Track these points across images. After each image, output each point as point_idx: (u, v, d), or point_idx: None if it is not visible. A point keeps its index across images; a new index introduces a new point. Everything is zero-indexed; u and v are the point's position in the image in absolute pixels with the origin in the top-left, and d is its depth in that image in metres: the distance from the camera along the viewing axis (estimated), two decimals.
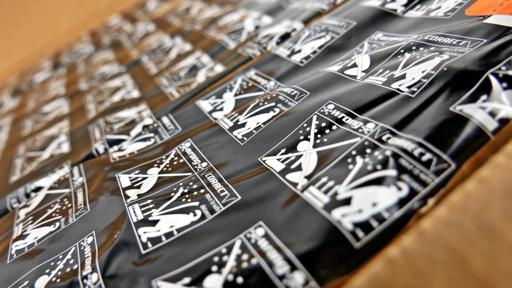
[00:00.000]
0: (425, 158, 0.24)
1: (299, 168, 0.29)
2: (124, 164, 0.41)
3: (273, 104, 0.37)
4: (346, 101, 0.32)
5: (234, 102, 0.43)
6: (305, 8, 0.57)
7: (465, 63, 0.28)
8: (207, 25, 0.73)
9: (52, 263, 0.32)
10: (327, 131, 0.31)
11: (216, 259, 0.25)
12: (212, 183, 0.32)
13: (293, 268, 0.22)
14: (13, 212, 0.43)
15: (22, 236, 0.37)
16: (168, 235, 0.29)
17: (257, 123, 0.36)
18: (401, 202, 0.22)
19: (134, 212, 0.32)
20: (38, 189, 0.46)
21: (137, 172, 0.38)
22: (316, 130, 0.31)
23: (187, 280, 0.24)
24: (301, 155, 0.30)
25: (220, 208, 0.29)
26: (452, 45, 0.32)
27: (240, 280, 0.23)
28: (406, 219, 0.22)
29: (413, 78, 0.30)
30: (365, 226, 0.22)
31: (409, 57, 0.33)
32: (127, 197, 0.35)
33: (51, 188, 0.44)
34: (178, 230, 0.29)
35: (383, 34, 0.40)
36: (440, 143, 0.24)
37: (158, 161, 0.38)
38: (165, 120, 0.46)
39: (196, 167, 0.35)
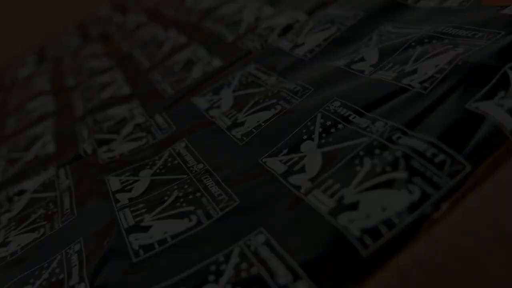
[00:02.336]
0: (438, 159, 0.24)
1: (302, 170, 0.29)
2: (114, 166, 0.41)
3: (274, 101, 0.37)
4: (353, 98, 0.32)
5: (233, 99, 0.43)
6: None
7: (481, 57, 0.28)
8: (203, 16, 0.73)
9: (36, 272, 0.32)
10: (332, 130, 0.31)
11: (213, 268, 0.25)
12: (208, 186, 0.32)
13: (296, 277, 0.22)
14: None
15: (4, 243, 0.37)
16: (162, 242, 0.29)
17: (257, 122, 0.36)
18: (412, 207, 0.22)
19: (125, 217, 0.32)
20: (21, 192, 0.46)
21: (128, 174, 0.38)
22: (321, 129, 0.31)
23: None
24: (304, 156, 0.30)
25: (218, 213, 0.29)
26: (467, 37, 0.32)
27: None
28: (417, 225, 0.22)
29: (426, 73, 0.30)
30: (373, 232, 0.22)
31: (421, 51, 0.33)
32: (117, 201, 0.35)
33: (35, 191, 0.44)
34: (172, 237, 0.29)
35: (393, 26, 0.40)
36: (454, 143, 0.24)
37: (150, 163, 0.38)
38: (158, 118, 0.47)
39: (191, 169, 0.35)
